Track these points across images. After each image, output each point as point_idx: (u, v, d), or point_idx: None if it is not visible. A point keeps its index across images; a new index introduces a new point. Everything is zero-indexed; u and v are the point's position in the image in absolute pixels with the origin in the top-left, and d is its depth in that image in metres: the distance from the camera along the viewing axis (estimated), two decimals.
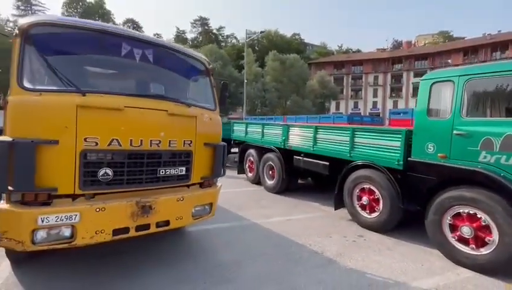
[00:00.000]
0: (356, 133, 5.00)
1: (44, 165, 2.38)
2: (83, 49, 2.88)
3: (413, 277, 3.30)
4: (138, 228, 2.84)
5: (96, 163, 2.61)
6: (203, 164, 3.42)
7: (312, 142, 5.89)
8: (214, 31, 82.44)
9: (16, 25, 2.55)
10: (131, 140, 2.73)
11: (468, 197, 3.45)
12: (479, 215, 3.40)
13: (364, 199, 4.80)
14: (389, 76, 58.50)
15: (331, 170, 5.68)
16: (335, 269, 3.45)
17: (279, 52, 44.01)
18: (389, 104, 57.21)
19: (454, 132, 3.63)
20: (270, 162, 7.32)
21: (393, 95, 57.71)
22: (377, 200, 4.65)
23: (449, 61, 51.78)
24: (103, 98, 2.65)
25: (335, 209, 5.43)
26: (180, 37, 78.30)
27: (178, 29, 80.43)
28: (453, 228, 3.63)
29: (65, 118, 2.45)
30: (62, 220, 2.43)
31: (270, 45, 63.93)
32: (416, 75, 55.25)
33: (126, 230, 2.77)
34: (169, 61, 3.38)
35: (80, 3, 61.25)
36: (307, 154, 6.23)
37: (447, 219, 3.66)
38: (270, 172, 7.42)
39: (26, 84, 2.44)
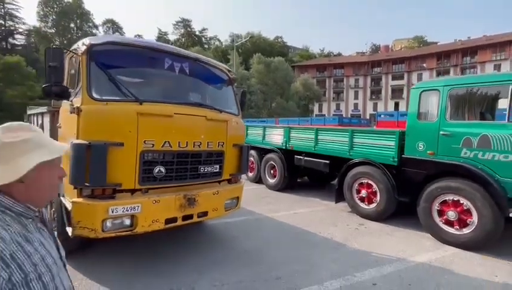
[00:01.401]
0: (355, 134, 5.66)
1: (112, 164, 2.80)
2: (136, 63, 3.31)
3: (411, 254, 3.95)
4: (184, 218, 3.29)
5: (152, 162, 3.06)
6: (232, 163, 3.91)
7: (313, 143, 6.50)
8: (197, 32, 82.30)
9: (85, 44, 2.95)
10: (179, 142, 3.19)
11: (453, 187, 4.15)
12: (461, 201, 4.10)
13: (363, 192, 5.45)
14: (368, 79, 60.80)
15: (331, 168, 6.31)
16: (345, 250, 4.05)
17: (262, 55, 44.86)
18: (369, 106, 59.49)
19: (441, 132, 4.33)
20: (272, 162, 7.87)
21: (373, 97, 60.02)
22: (374, 193, 5.30)
23: (424, 65, 54.65)
24: (157, 106, 3.10)
25: (336, 203, 6.06)
26: (162, 38, 77.50)
27: (160, 30, 79.56)
28: (441, 213, 4.33)
29: (128, 124, 2.88)
30: (127, 210, 2.86)
31: (253, 47, 64.68)
32: (394, 78, 57.92)
33: (175, 219, 3.22)
34: (201, 72, 3.84)
35: (57, 3, 59.21)
36: (308, 154, 6.83)
37: (436, 206, 4.35)
38: (272, 171, 7.96)
39: (95, 95, 2.85)
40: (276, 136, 7.83)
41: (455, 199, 4.16)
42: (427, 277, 3.36)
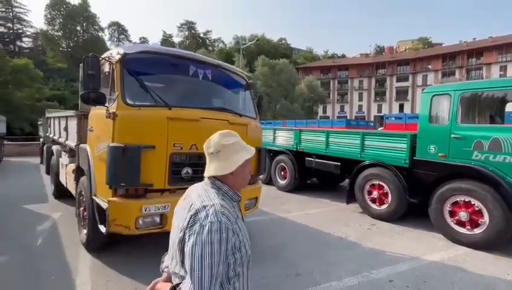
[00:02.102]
0: (366, 136, 5.81)
1: (144, 166, 2.98)
2: (164, 70, 3.51)
3: (423, 253, 4.09)
4: None
5: (180, 163, 3.24)
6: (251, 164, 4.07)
7: (324, 145, 6.66)
8: (201, 35, 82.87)
9: (119, 53, 3.14)
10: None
11: (464, 188, 4.28)
12: (473, 202, 4.23)
13: (375, 193, 5.59)
14: (373, 80, 60.74)
15: (342, 170, 6.46)
16: (359, 249, 4.20)
17: (266, 57, 45.03)
18: (374, 108, 59.40)
19: (452, 135, 4.47)
20: (282, 164, 8.03)
21: (378, 98, 59.92)
22: (385, 194, 5.44)
23: (429, 66, 54.48)
24: (184, 111, 3.28)
25: (347, 204, 6.20)
26: (167, 41, 78.16)
27: (165, 33, 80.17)
28: (452, 213, 4.46)
29: (159, 128, 3.07)
30: (159, 209, 3.05)
31: (257, 49, 64.88)
32: (398, 79, 57.79)
33: None
34: (222, 77, 4.02)
35: (64, 6, 59.96)
36: (319, 156, 6.99)
37: (447, 207, 4.49)
38: (282, 173, 8.13)
39: (129, 101, 3.04)
40: (286, 138, 8.00)
41: (466, 200, 4.29)
42: (441, 274, 3.49)
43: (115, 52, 3.23)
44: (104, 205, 3.05)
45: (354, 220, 5.54)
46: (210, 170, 1.21)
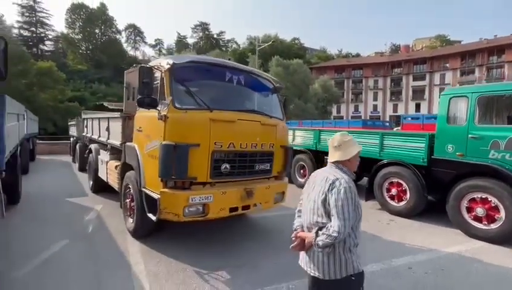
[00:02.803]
0: (385, 137, 6.08)
1: (191, 161, 3.41)
2: (205, 77, 3.95)
3: (441, 245, 4.35)
4: (243, 208, 3.88)
5: (220, 160, 3.66)
6: (279, 161, 4.46)
7: None
8: (215, 36, 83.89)
9: (169, 64, 3.59)
10: (240, 143, 3.78)
11: (481, 185, 4.52)
12: (489, 199, 4.46)
13: (393, 191, 5.86)
14: (388, 80, 59.88)
15: (360, 168, 6.72)
16: (380, 241, 4.51)
17: (280, 57, 45.26)
18: (389, 107, 58.59)
19: (469, 135, 4.71)
20: (302, 162, 8.37)
21: (393, 98, 59.05)
22: (404, 191, 5.71)
23: (447, 65, 53.27)
24: (224, 113, 3.70)
25: (365, 201, 6.47)
26: (181, 42, 79.64)
27: (179, 34, 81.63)
28: (469, 209, 4.70)
29: (203, 128, 3.50)
30: (203, 199, 3.48)
31: (271, 49, 65.12)
32: (415, 78, 56.76)
33: (236, 209, 3.81)
34: (253, 82, 4.43)
35: (83, 10, 62.13)
36: None
37: (464, 203, 4.73)
38: (302, 171, 8.47)
39: (177, 105, 3.48)
40: (305, 138, 8.33)
41: (483, 196, 4.52)
42: (458, 265, 3.77)
43: (164, 62, 3.68)
44: (155, 196, 3.50)
45: (373, 216, 5.83)
46: (335, 156, 1.83)
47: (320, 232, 1.69)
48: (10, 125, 3.93)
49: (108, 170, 5.75)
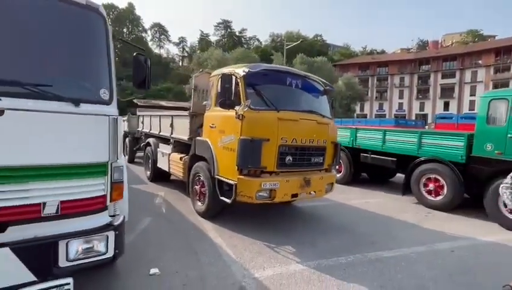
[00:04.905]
0: (424, 135, 6.49)
1: (263, 153, 4.08)
2: (271, 81, 4.61)
3: (479, 235, 4.78)
4: (301, 194, 4.51)
5: (284, 153, 4.30)
6: (329, 156, 5.05)
7: (381, 142, 7.41)
8: (237, 33, 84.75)
9: (244, 71, 4.27)
10: (301, 139, 4.40)
11: None
12: None
13: (430, 186, 6.27)
14: (415, 77, 58.28)
15: (397, 164, 7.17)
16: (421, 229, 5.00)
17: (303, 54, 45.32)
18: (416, 106, 57.06)
19: (509, 135, 5.06)
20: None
21: (420, 96, 57.46)
22: (441, 187, 6.11)
23: (480, 62, 51.08)
24: (288, 113, 4.34)
25: (402, 195, 6.93)
26: (204, 40, 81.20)
27: (202, 32, 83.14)
28: (506, 204, 5.05)
29: (273, 126, 4.15)
30: (271, 186, 4.14)
31: (294, 47, 65.15)
32: (444, 76, 54.85)
33: (296, 195, 4.44)
34: (308, 85, 5.03)
35: (113, 10, 64.88)
36: (374, 152, 7.74)
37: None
38: (337, 167, 8.96)
39: (252, 106, 4.16)
40: (342, 136, 8.81)
41: None
42: (496, 250, 4.22)
43: (240, 70, 4.36)
44: (232, 182, 4.20)
45: (411, 209, 6.29)
46: None
47: None
48: None
49: (171, 161, 6.56)
